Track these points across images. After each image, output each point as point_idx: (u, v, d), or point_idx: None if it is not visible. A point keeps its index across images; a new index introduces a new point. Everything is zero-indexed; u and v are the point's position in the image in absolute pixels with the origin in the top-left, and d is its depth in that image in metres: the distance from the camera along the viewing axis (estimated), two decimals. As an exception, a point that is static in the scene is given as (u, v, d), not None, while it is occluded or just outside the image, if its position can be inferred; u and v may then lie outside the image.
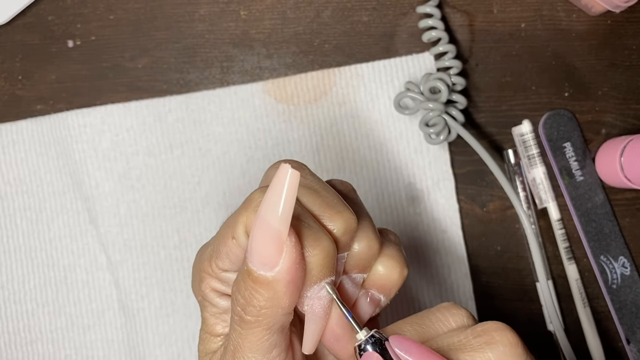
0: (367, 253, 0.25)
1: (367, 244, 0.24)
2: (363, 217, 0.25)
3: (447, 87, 0.36)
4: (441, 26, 0.38)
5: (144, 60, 0.40)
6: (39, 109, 0.40)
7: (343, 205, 0.24)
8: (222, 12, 0.40)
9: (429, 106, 0.36)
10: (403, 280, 0.26)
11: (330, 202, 0.24)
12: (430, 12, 0.38)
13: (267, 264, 0.21)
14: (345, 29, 0.40)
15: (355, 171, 0.39)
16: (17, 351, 0.39)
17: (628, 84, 0.39)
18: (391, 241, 0.26)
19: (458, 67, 0.37)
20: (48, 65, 0.40)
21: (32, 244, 0.39)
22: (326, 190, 0.24)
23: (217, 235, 0.25)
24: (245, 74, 0.40)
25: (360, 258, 0.25)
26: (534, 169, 0.38)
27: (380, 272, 0.25)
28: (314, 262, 0.22)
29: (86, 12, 0.40)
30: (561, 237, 0.38)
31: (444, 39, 0.38)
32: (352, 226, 0.24)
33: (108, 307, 0.39)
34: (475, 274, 0.39)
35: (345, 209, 0.24)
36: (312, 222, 0.23)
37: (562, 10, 0.40)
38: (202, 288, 0.25)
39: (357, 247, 0.24)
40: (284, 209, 0.21)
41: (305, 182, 0.24)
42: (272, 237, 0.21)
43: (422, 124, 0.37)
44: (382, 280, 0.25)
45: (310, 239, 0.22)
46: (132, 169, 0.39)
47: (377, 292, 0.26)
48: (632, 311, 0.38)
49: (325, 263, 0.22)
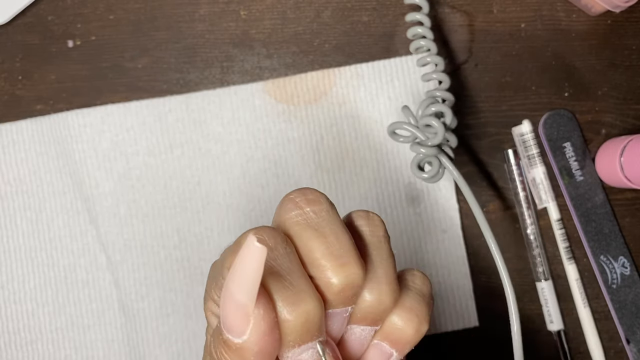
0: (376, 307, 0.22)
1: (377, 298, 0.22)
2: (379, 264, 0.23)
3: (443, 128, 0.34)
4: (431, 35, 0.36)
5: (144, 60, 0.40)
6: (39, 109, 0.40)
7: (350, 256, 0.21)
8: (222, 12, 0.40)
9: (422, 151, 0.34)
10: (420, 336, 0.23)
11: (336, 250, 0.21)
12: (420, 20, 0.36)
13: (235, 331, 0.20)
14: (345, 29, 0.40)
15: (355, 171, 0.39)
16: (17, 351, 0.39)
17: (628, 84, 0.39)
18: (414, 289, 0.24)
19: (447, 82, 0.36)
20: (48, 65, 0.40)
21: (32, 244, 0.39)
22: (335, 235, 0.22)
23: (218, 261, 0.24)
24: (245, 74, 0.40)
25: (368, 312, 0.23)
26: (534, 168, 0.38)
27: (394, 325, 0.23)
28: (290, 327, 0.20)
29: (86, 12, 0.40)
30: (561, 237, 0.38)
31: (433, 50, 0.36)
32: (355, 281, 0.21)
33: (108, 307, 0.39)
34: (475, 274, 0.39)
35: (351, 261, 0.21)
36: (298, 281, 0.21)
37: (562, 10, 0.40)
38: (205, 309, 0.25)
39: (367, 299, 0.22)
40: (248, 284, 0.19)
41: (315, 221, 0.22)
42: (238, 309, 0.20)
43: (415, 166, 0.35)
44: (395, 334, 0.23)
45: (288, 302, 0.20)
46: (132, 169, 0.39)
47: (388, 345, 0.23)
48: (632, 311, 0.38)
49: (304, 328, 0.21)
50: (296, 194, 0.23)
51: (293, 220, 0.22)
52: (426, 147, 0.34)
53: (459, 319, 0.38)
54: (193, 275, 0.38)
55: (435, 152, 0.34)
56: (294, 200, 0.22)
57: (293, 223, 0.22)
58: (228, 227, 0.39)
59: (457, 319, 0.38)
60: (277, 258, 0.21)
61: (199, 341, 0.38)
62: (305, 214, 0.22)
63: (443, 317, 0.38)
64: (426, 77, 0.36)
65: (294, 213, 0.22)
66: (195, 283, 0.38)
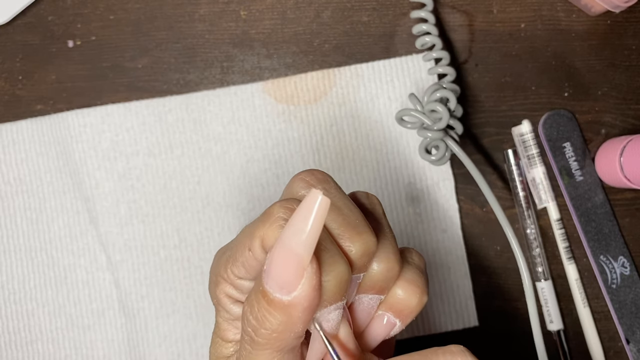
0: (385, 275, 0.24)
1: (385, 266, 0.23)
2: (384, 236, 0.24)
3: (447, 112, 0.35)
4: (435, 31, 0.37)
5: (144, 60, 0.40)
6: (39, 109, 0.40)
7: (365, 226, 0.23)
8: (222, 12, 0.40)
9: (428, 135, 0.36)
10: (422, 307, 0.25)
11: (352, 221, 0.23)
12: (424, 17, 0.37)
13: (285, 287, 0.20)
14: (345, 29, 0.40)
15: (355, 171, 0.39)
16: (17, 351, 0.39)
17: (628, 84, 0.39)
18: (413, 264, 0.25)
19: (452, 74, 0.37)
20: (48, 65, 0.40)
21: (32, 244, 0.39)
22: (348, 208, 0.23)
23: (235, 241, 0.24)
24: (245, 74, 0.40)
25: (377, 280, 0.24)
26: (534, 168, 0.38)
27: (398, 296, 0.24)
28: (327, 287, 0.21)
29: (86, 12, 0.40)
30: (561, 237, 0.38)
31: (438, 45, 0.37)
32: (371, 249, 0.23)
33: (108, 307, 0.39)
34: (475, 274, 0.39)
35: (367, 229, 0.23)
36: (330, 245, 0.22)
37: (561, 11, 0.40)
38: (217, 293, 0.25)
39: (375, 268, 0.23)
40: (309, 236, 0.20)
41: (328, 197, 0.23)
42: (294, 262, 0.20)
43: (422, 149, 0.36)
44: (400, 305, 0.24)
45: (327, 264, 0.21)
46: (132, 169, 0.39)
47: (393, 315, 0.25)
48: (632, 311, 0.38)
49: (338, 288, 0.22)
50: (305, 174, 0.24)
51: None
52: (432, 131, 0.36)
53: (459, 318, 0.38)
54: (193, 275, 0.38)
55: (441, 136, 0.36)
56: (304, 179, 0.24)
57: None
58: (228, 227, 0.39)
59: (457, 318, 0.38)
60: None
61: (199, 341, 0.38)
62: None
63: (443, 316, 0.38)
64: (432, 70, 0.37)
65: (306, 191, 0.23)
66: (195, 283, 0.38)
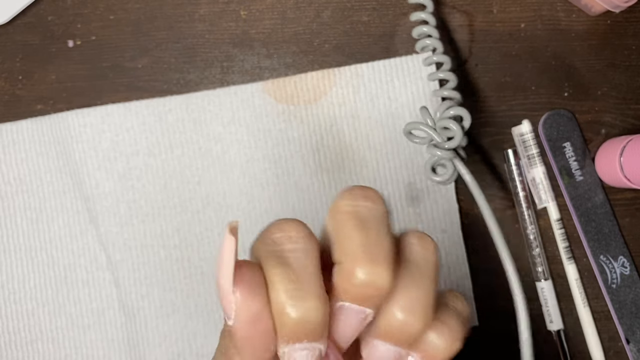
0: (401, 328, 0.22)
1: (404, 319, 0.21)
2: (416, 285, 0.22)
3: (461, 131, 0.33)
4: (436, 34, 0.36)
5: (144, 60, 0.40)
6: (39, 109, 0.40)
7: (383, 259, 0.21)
8: (222, 12, 0.40)
9: (438, 154, 0.34)
10: (451, 355, 0.23)
11: (372, 247, 0.21)
12: (425, 19, 0.37)
13: (226, 313, 0.21)
14: (345, 29, 0.40)
15: (355, 171, 0.39)
16: (17, 351, 0.39)
17: (628, 84, 0.39)
18: (454, 310, 0.23)
19: (454, 80, 0.36)
20: (48, 65, 0.40)
21: (32, 244, 0.39)
22: (377, 235, 0.21)
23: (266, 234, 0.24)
24: (245, 74, 0.40)
25: (393, 329, 0.22)
26: (534, 168, 0.38)
27: (431, 341, 0.22)
28: (285, 321, 0.20)
29: (86, 12, 0.40)
30: (561, 236, 0.38)
31: (439, 49, 0.36)
32: (377, 283, 0.21)
33: (108, 307, 0.39)
34: (475, 274, 0.39)
35: (383, 263, 0.21)
36: (305, 277, 0.21)
37: (561, 11, 0.40)
38: None
39: (396, 316, 0.21)
40: (223, 267, 0.20)
41: (363, 216, 0.22)
42: (221, 291, 0.21)
43: (429, 167, 0.35)
44: (430, 350, 0.23)
45: (288, 295, 0.20)
46: (132, 169, 0.39)
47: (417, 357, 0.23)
48: (632, 311, 0.38)
49: (299, 326, 0.20)
50: (357, 188, 0.23)
51: (343, 209, 0.22)
52: (442, 150, 0.34)
53: (459, 318, 0.38)
54: (193, 275, 0.39)
55: (451, 156, 0.34)
56: (352, 192, 0.23)
57: (342, 211, 0.22)
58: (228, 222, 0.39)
59: (457, 318, 0.38)
60: (296, 251, 0.21)
61: (199, 341, 0.38)
62: (357, 206, 0.22)
63: (443, 317, 0.38)
64: (433, 76, 0.36)
65: (346, 202, 0.22)
66: (195, 283, 0.38)
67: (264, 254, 0.22)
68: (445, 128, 0.34)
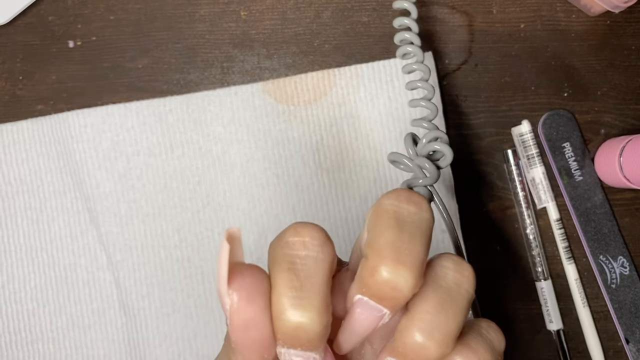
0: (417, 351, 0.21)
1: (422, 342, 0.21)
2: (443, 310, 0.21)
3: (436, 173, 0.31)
4: (418, 42, 0.34)
5: (145, 61, 0.40)
6: (40, 109, 0.40)
7: (411, 264, 0.21)
8: (222, 12, 0.40)
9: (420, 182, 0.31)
10: None
11: (402, 249, 0.21)
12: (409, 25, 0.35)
13: (225, 315, 0.21)
14: (345, 29, 0.40)
15: (355, 171, 0.39)
16: (18, 351, 0.39)
17: (627, 84, 0.39)
18: (485, 337, 0.22)
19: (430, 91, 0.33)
20: (49, 65, 0.40)
21: (32, 244, 0.39)
22: (411, 239, 0.21)
23: None
24: (246, 74, 0.40)
25: (408, 349, 0.21)
26: (533, 168, 0.39)
27: None
28: (280, 326, 0.20)
29: (87, 12, 0.40)
30: (560, 236, 0.39)
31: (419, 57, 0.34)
32: (399, 285, 0.20)
33: (108, 307, 0.39)
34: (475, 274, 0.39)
35: (410, 267, 0.20)
36: (309, 287, 0.21)
37: (561, 11, 0.40)
38: None
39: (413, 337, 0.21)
40: (219, 273, 0.20)
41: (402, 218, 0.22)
42: (219, 294, 0.21)
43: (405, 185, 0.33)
44: None
45: (288, 301, 0.20)
46: (133, 169, 0.39)
47: None
48: (631, 311, 0.38)
49: (293, 334, 0.20)
50: (404, 191, 0.23)
51: (384, 208, 0.22)
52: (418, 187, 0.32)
53: (459, 318, 0.38)
54: (193, 275, 0.39)
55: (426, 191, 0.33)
56: (398, 193, 0.23)
57: (383, 210, 0.22)
58: (228, 227, 0.39)
59: (456, 318, 0.38)
60: (306, 258, 0.21)
61: (200, 341, 0.38)
62: (399, 208, 0.22)
63: (443, 316, 0.38)
64: (411, 85, 0.34)
65: (389, 201, 0.22)
66: (195, 283, 0.39)
67: (277, 256, 0.22)
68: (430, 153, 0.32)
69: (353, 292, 0.22)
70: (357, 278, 0.22)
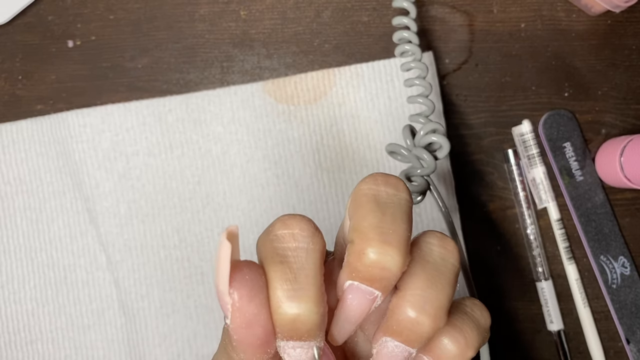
0: (413, 326, 0.21)
1: (416, 317, 0.21)
2: (431, 284, 0.21)
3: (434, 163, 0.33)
4: (416, 40, 0.35)
5: (144, 60, 0.40)
6: (39, 109, 0.40)
7: (397, 242, 0.21)
8: (222, 12, 0.40)
9: (413, 183, 0.33)
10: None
11: (386, 230, 0.21)
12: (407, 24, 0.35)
13: (225, 314, 0.21)
14: (345, 29, 0.40)
15: (355, 171, 0.39)
16: (17, 351, 0.39)
17: (628, 84, 0.39)
18: (471, 316, 0.23)
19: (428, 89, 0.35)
20: (48, 65, 0.40)
21: (32, 244, 0.39)
22: (393, 219, 0.21)
23: None
24: (245, 74, 0.40)
25: (403, 326, 0.21)
26: (534, 168, 0.38)
27: (442, 344, 0.22)
28: (278, 320, 0.21)
29: (86, 12, 0.40)
30: (561, 236, 0.38)
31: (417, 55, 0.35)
32: (387, 265, 0.21)
33: (108, 307, 0.39)
34: (475, 274, 0.39)
35: (395, 245, 0.21)
36: (303, 278, 0.21)
37: (562, 11, 0.40)
38: None
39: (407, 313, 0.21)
40: (220, 273, 0.20)
41: (382, 200, 0.22)
42: (219, 293, 0.21)
43: (403, 177, 0.34)
44: (440, 353, 0.22)
45: (284, 294, 0.20)
46: (132, 169, 0.39)
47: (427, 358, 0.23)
48: (632, 311, 0.38)
49: (292, 326, 0.20)
50: (380, 174, 0.23)
51: (363, 192, 0.22)
52: (416, 177, 0.33)
53: (459, 319, 0.38)
54: (193, 275, 0.38)
55: (424, 184, 0.33)
56: (375, 177, 0.23)
57: (362, 194, 0.22)
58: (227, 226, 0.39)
59: (457, 319, 0.38)
60: (297, 250, 0.21)
61: (199, 341, 0.38)
62: (377, 191, 0.22)
63: (443, 317, 0.38)
64: (408, 82, 0.35)
65: (367, 186, 0.22)
66: (195, 283, 0.38)
67: (267, 250, 0.22)
68: (427, 144, 0.33)
69: (343, 278, 0.22)
70: (345, 264, 0.22)
